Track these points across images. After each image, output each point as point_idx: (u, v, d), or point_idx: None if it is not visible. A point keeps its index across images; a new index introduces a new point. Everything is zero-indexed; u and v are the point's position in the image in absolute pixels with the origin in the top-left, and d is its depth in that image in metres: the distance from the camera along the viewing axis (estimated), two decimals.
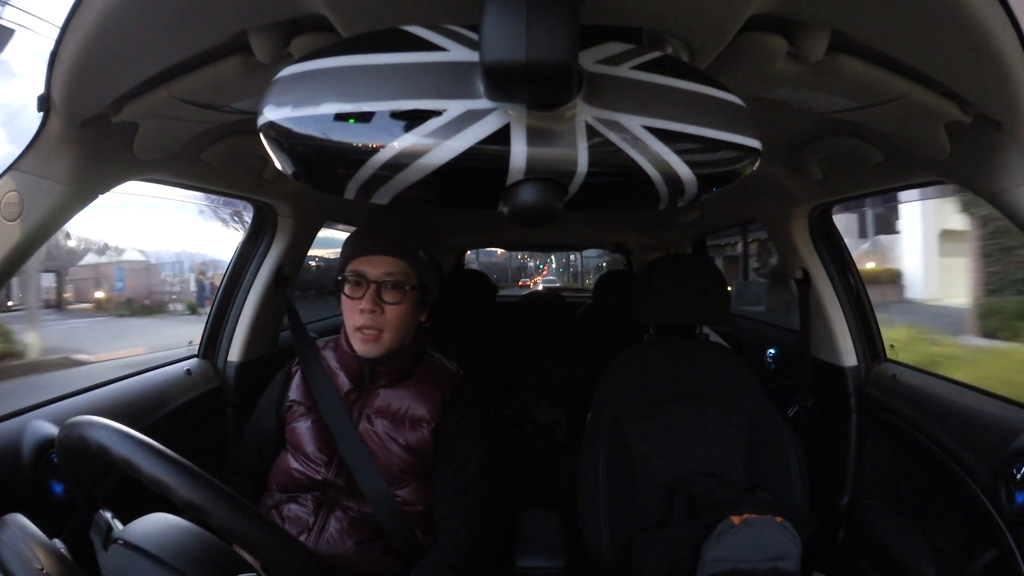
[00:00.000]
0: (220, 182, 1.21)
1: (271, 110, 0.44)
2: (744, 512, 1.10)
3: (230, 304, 1.51)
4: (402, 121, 0.43)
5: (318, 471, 1.06)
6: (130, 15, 0.58)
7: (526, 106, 0.44)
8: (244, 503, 0.58)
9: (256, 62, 0.67)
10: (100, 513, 0.66)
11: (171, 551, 0.60)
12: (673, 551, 1.12)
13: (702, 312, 1.41)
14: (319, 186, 0.48)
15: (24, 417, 0.94)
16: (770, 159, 1.25)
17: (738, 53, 0.65)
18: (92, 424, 0.62)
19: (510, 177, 0.46)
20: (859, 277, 1.46)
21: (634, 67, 0.49)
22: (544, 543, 1.25)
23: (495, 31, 0.39)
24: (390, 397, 1.09)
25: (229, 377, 1.46)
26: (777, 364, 1.86)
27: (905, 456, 1.23)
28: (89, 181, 0.82)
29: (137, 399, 1.19)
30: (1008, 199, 0.77)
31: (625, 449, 1.28)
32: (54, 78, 0.67)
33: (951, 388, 1.20)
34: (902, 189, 1.13)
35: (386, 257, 1.03)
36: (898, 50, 0.65)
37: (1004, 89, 0.64)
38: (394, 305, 1.02)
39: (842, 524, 1.34)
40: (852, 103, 0.80)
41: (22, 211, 0.76)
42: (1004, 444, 0.95)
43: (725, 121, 0.49)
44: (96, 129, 0.78)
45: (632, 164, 0.47)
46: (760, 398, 1.33)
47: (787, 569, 1.07)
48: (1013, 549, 0.91)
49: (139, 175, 0.95)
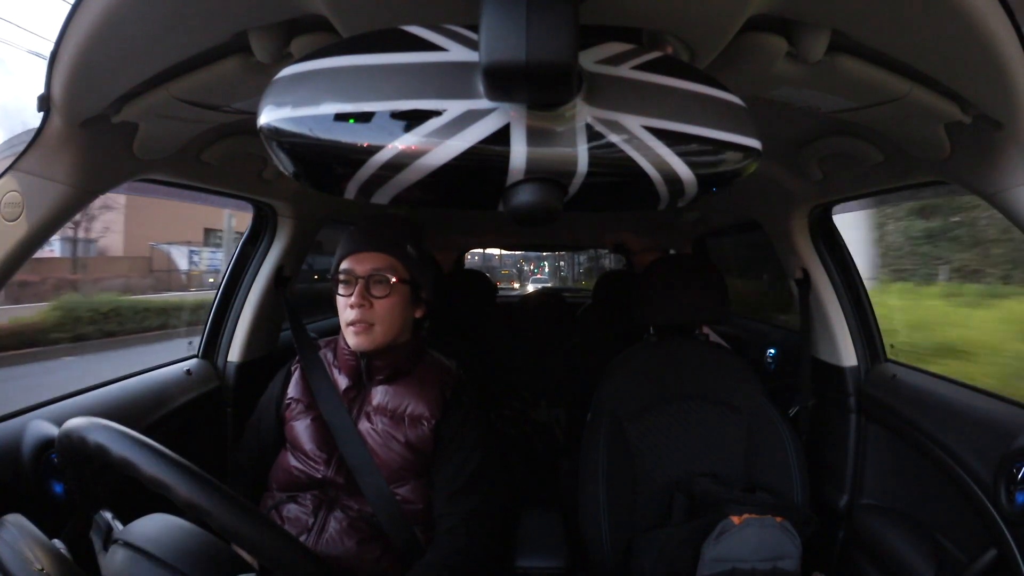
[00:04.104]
0: (220, 182, 1.21)
1: (271, 110, 0.44)
2: (744, 512, 1.09)
3: (230, 304, 1.51)
4: (402, 121, 0.43)
5: (317, 469, 1.06)
6: (130, 15, 0.58)
7: (526, 106, 0.44)
8: (243, 502, 0.58)
9: (256, 62, 0.67)
10: (100, 513, 0.66)
11: (171, 551, 0.60)
12: (673, 551, 1.12)
13: (702, 312, 1.41)
14: (319, 186, 0.48)
15: (24, 417, 0.94)
16: (770, 159, 1.25)
17: (738, 53, 0.64)
18: (92, 424, 0.62)
19: (510, 177, 0.46)
20: (859, 277, 1.46)
21: (634, 67, 0.49)
22: (544, 543, 1.26)
23: (495, 31, 0.39)
24: (389, 395, 1.09)
25: (229, 377, 1.46)
26: (777, 364, 1.86)
27: (905, 456, 1.22)
28: (89, 181, 0.82)
29: (137, 399, 1.19)
30: (1008, 199, 0.77)
31: (625, 449, 1.28)
32: (54, 78, 0.67)
33: (951, 388, 1.20)
34: (902, 189, 1.13)
35: (373, 253, 1.06)
36: (898, 50, 0.65)
37: (1004, 89, 0.64)
38: (382, 299, 1.05)
39: (842, 524, 1.34)
40: (852, 103, 0.80)
41: (22, 211, 0.76)
42: (1004, 444, 0.95)
43: (725, 121, 0.49)
44: (96, 129, 0.78)
45: (632, 164, 0.47)
46: (760, 398, 1.33)
47: (787, 569, 1.07)
48: (1013, 549, 0.91)
49: (139, 175, 0.95)
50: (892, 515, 1.24)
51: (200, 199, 1.30)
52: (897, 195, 1.20)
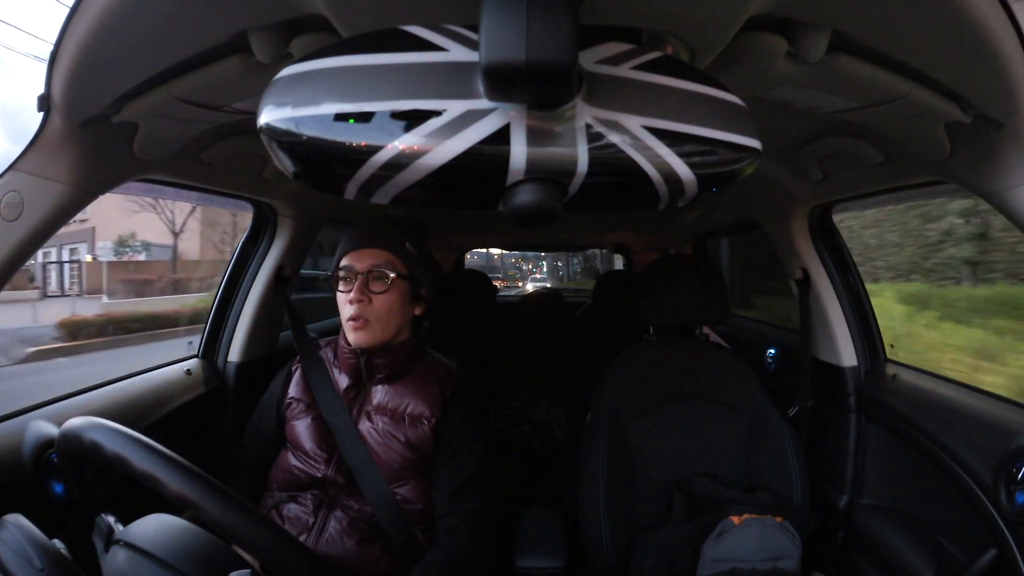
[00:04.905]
0: (220, 182, 1.21)
1: (271, 110, 0.43)
2: (744, 512, 1.09)
3: (230, 304, 1.51)
4: (402, 121, 0.43)
5: (317, 468, 1.06)
6: (130, 15, 0.58)
7: (526, 106, 0.44)
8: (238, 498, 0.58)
9: (256, 62, 0.67)
10: (102, 516, 0.66)
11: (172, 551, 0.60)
12: (673, 551, 1.12)
13: (702, 312, 1.41)
14: (319, 186, 0.48)
15: (24, 417, 0.94)
16: (770, 159, 1.25)
17: (738, 53, 0.64)
18: (88, 423, 0.62)
19: (510, 177, 0.46)
20: (859, 277, 1.46)
21: (634, 67, 0.49)
22: (544, 543, 1.26)
23: (495, 31, 0.39)
24: (389, 394, 1.09)
25: (229, 377, 1.46)
26: (777, 364, 1.86)
27: (905, 456, 1.22)
28: (89, 181, 0.82)
29: (137, 399, 1.19)
30: (1008, 199, 0.77)
31: (625, 449, 1.28)
32: (54, 78, 0.67)
33: (951, 388, 1.20)
34: (902, 189, 1.13)
35: (372, 249, 1.07)
36: (898, 50, 0.65)
37: (1004, 89, 0.64)
38: (381, 294, 1.05)
39: (842, 524, 1.34)
40: (852, 103, 0.79)
41: (22, 211, 0.76)
42: (1004, 444, 0.95)
43: (725, 121, 0.49)
44: (96, 129, 0.78)
45: (632, 164, 0.47)
46: (760, 398, 1.33)
47: (787, 569, 1.07)
48: (1013, 549, 0.91)
49: (139, 175, 0.95)
50: (892, 515, 1.24)
51: (200, 199, 1.30)
52: (897, 195, 1.20)
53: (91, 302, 11.73)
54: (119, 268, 14.17)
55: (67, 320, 7.79)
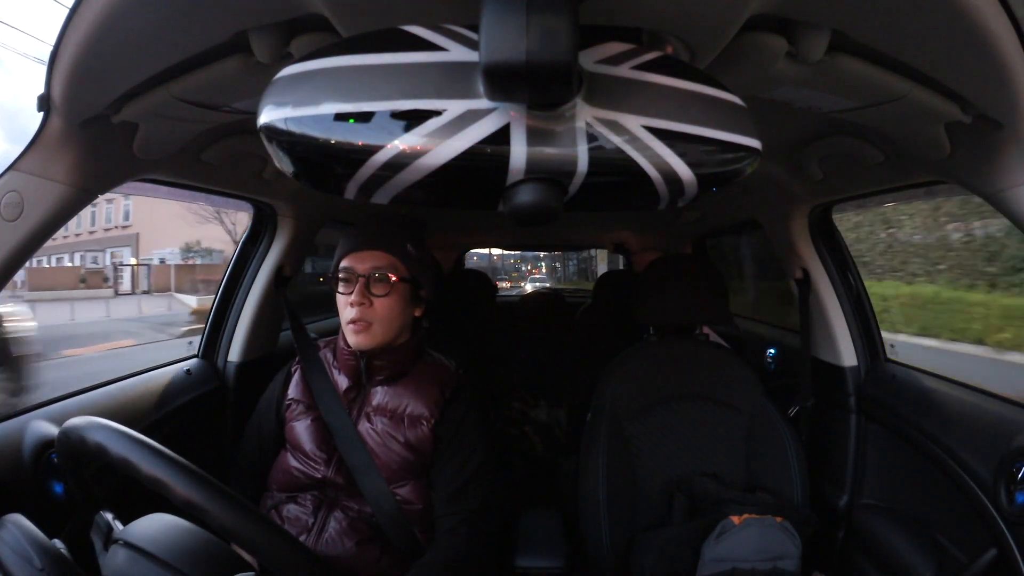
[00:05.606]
0: (220, 182, 1.21)
1: (271, 110, 0.43)
2: (744, 512, 1.10)
3: (230, 304, 1.51)
4: (402, 121, 0.43)
5: (317, 469, 1.06)
6: (130, 15, 0.58)
7: (526, 106, 0.44)
8: (242, 501, 0.58)
9: (256, 62, 0.67)
10: (100, 514, 0.66)
11: (171, 551, 0.60)
12: (673, 551, 1.12)
13: (702, 312, 1.40)
14: (319, 186, 0.48)
15: (24, 417, 0.94)
16: (770, 159, 1.25)
17: (738, 53, 0.64)
18: (91, 424, 0.62)
19: (510, 177, 0.46)
20: (859, 277, 1.46)
21: (634, 67, 0.49)
22: (544, 543, 1.26)
23: (495, 31, 0.39)
24: (389, 395, 1.09)
25: (229, 377, 1.46)
26: (777, 364, 1.86)
27: (905, 456, 1.22)
28: (89, 181, 0.82)
29: (137, 399, 1.19)
30: (1008, 199, 0.77)
31: (625, 449, 1.28)
32: (54, 78, 0.67)
33: (951, 388, 1.20)
34: (902, 189, 1.13)
35: (373, 252, 1.06)
36: (898, 50, 0.65)
37: (1004, 89, 0.64)
38: (382, 297, 1.04)
39: (842, 524, 1.34)
40: (852, 103, 0.79)
41: (22, 211, 0.76)
42: (1004, 444, 0.95)
43: (725, 121, 0.49)
44: (96, 129, 0.78)
45: (632, 164, 0.47)
46: (760, 398, 1.33)
47: (787, 569, 1.07)
48: (1013, 549, 0.91)
49: (139, 175, 0.95)
50: (892, 515, 1.24)
51: (200, 199, 1.30)
52: (897, 195, 1.20)
53: (159, 299, 14.24)
54: (185, 270, 16.96)
55: (198, 308, 10.51)
